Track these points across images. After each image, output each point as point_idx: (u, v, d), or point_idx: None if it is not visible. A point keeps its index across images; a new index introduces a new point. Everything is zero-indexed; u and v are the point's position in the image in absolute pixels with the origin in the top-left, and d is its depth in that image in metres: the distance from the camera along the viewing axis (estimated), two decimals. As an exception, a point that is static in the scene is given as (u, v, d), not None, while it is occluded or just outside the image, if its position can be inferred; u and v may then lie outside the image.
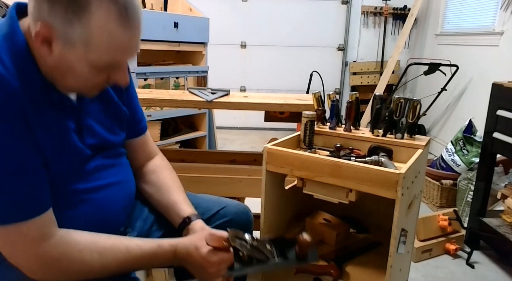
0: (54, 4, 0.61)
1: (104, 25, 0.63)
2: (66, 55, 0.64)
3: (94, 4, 0.61)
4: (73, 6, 0.61)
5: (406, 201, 0.86)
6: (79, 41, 0.63)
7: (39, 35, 0.62)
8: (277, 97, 1.50)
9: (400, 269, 0.97)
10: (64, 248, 0.69)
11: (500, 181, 1.97)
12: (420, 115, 1.02)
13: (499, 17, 2.69)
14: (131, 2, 0.65)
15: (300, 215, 1.17)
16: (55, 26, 0.62)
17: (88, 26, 0.62)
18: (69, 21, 0.61)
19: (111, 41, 0.64)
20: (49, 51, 0.64)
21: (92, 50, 0.64)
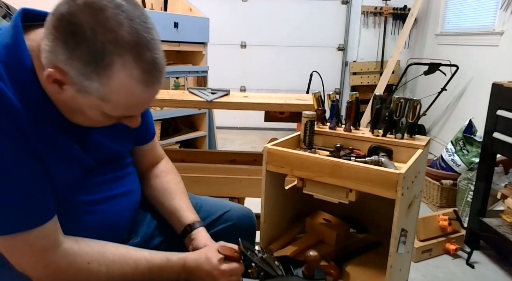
0: (72, 57, 0.56)
1: (125, 87, 0.59)
2: (78, 100, 0.61)
3: (117, 65, 0.57)
4: (94, 65, 0.56)
5: (406, 201, 0.86)
6: (95, 94, 0.59)
7: (51, 77, 0.59)
8: (277, 97, 1.50)
9: (400, 269, 0.97)
10: (71, 259, 0.68)
11: (500, 181, 1.97)
12: (420, 115, 1.01)
13: (499, 17, 2.70)
14: (156, 59, 0.60)
15: (300, 215, 1.17)
16: (70, 74, 0.58)
17: (107, 85, 0.58)
18: (87, 76, 0.58)
19: (129, 100, 0.62)
20: (59, 90, 0.61)
21: (108, 104, 0.61)
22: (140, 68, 0.58)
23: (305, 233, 1.12)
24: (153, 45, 0.60)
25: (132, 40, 0.57)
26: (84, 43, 0.55)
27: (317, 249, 1.02)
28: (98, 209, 0.77)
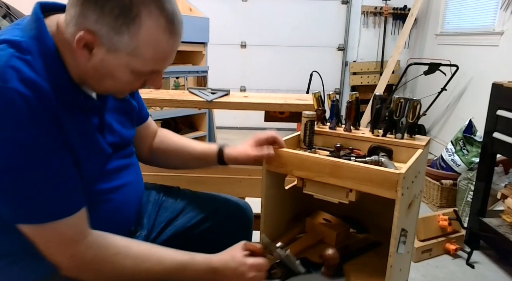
0: (103, 13, 0.60)
1: (152, 36, 0.63)
2: (108, 61, 0.64)
3: (144, 15, 0.61)
4: (123, 17, 0.60)
5: (406, 201, 0.86)
6: (124, 50, 0.63)
7: (82, 40, 0.62)
8: (277, 97, 1.50)
9: (400, 269, 0.97)
10: (98, 251, 0.70)
11: (500, 181, 1.97)
12: (420, 115, 1.01)
13: (499, 17, 2.69)
14: (176, 11, 0.65)
15: (300, 215, 1.17)
16: (101, 34, 0.61)
17: (137, 36, 0.62)
18: (117, 30, 0.61)
19: (157, 51, 0.65)
20: (88, 56, 0.64)
21: (137, 59, 0.64)
22: (164, 17, 0.63)
23: (305, 233, 1.12)
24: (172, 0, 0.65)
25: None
26: (112, 1, 0.60)
27: (317, 249, 1.03)
28: (111, 198, 0.78)
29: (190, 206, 1.01)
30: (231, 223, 1.02)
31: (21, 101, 0.58)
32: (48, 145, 0.62)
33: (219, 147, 0.99)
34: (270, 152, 0.91)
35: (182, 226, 0.98)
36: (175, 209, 1.00)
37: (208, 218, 1.00)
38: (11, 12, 2.52)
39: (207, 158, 0.99)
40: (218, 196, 1.07)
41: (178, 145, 1.02)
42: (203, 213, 1.00)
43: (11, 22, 2.49)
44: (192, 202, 1.02)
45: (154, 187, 1.03)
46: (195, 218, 1.00)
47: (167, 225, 0.98)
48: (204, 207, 1.02)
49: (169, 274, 0.75)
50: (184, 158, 1.01)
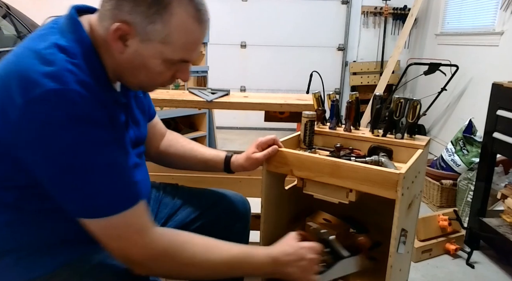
0: (137, 2, 0.64)
1: (183, 23, 0.66)
2: (141, 51, 0.67)
3: (175, 3, 0.65)
4: (156, 6, 0.64)
5: (406, 201, 0.86)
6: (157, 38, 0.66)
7: (118, 31, 0.65)
8: (277, 97, 1.50)
9: (400, 269, 0.97)
10: (170, 238, 0.72)
11: (500, 181, 1.96)
12: (420, 115, 1.01)
13: (499, 17, 2.69)
14: (203, 1, 0.69)
15: (300, 215, 1.17)
16: (135, 24, 0.65)
17: (169, 24, 0.65)
18: (151, 18, 0.64)
19: (187, 38, 0.68)
20: (123, 48, 0.67)
21: (169, 46, 0.67)
22: (193, 6, 0.67)
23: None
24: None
25: None
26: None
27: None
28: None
29: (189, 202, 1.04)
30: (229, 216, 1.04)
31: (82, 101, 0.61)
32: (110, 140, 0.65)
33: (226, 155, 1.01)
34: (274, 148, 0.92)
35: (181, 221, 1.01)
36: (174, 205, 1.03)
37: (207, 212, 1.03)
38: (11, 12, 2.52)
39: (215, 165, 1.01)
40: (216, 191, 1.09)
41: (187, 150, 1.03)
42: (201, 208, 1.03)
43: (11, 22, 2.49)
44: (191, 197, 1.05)
45: (153, 185, 1.05)
46: (194, 213, 1.02)
47: (167, 221, 1.01)
48: (202, 202, 1.04)
49: (237, 263, 0.77)
50: (192, 162, 1.03)
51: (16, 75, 0.61)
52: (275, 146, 0.93)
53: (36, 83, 0.59)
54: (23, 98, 0.59)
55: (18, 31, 2.49)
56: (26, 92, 0.59)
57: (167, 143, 1.04)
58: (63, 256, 0.72)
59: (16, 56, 0.64)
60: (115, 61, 0.69)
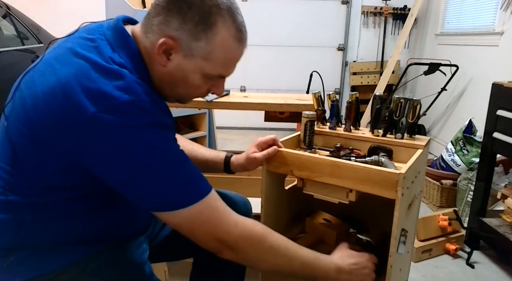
0: (185, 20, 0.67)
1: (226, 42, 0.70)
2: (183, 66, 0.71)
3: (219, 23, 0.69)
4: (202, 24, 0.68)
5: (406, 201, 0.86)
6: (200, 54, 0.70)
7: (163, 46, 0.68)
8: (277, 97, 1.50)
9: (400, 269, 0.97)
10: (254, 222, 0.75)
11: (500, 181, 1.96)
12: (420, 115, 1.01)
13: (499, 17, 2.69)
14: (244, 24, 0.74)
15: (300, 215, 1.17)
16: (181, 40, 0.68)
17: (212, 42, 0.69)
18: (196, 36, 0.68)
19: (228, 55, 0.73)
20: (166, 61, 0.70)
21: (210, 63, 0.71)
22: (235, 27, 0.71)
23: (305, 233, 1.13)
24: (240, 11, 0.73)
25: (228, 5, 0.70)
26: (195, 7, 0.67)
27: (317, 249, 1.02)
28: None
29: None
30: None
31: (153, 109, 0.65)
32: (173, 138, 0.70)
33: (226, 155, 1.02)
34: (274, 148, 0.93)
35: None
36: None
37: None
38: (11, 12, 2.52)
39: (215, 165, 1.02)
40: (217, 191, 1.08)
41: (187, 150, 1.03)
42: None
43: (11, 22, 2.49)
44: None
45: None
46: None
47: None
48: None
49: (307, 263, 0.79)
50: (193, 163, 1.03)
51: (83, 89, 0.62)
52: (275, 146, 0.93)
53: (110, 95, 0.62)
54: (95, 108, 0.61)
55: (18, 31, 2.49)
56: (100, 103, 0.61)
57: None
58: (70, 255, 0.72)
59: (75, 68, 0.65)
60: (156, 73, 0.72)
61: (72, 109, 0.62)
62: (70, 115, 0.62)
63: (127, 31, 0.71)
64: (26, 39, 2.52)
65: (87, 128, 0.62)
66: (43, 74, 0.66)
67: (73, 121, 0.62)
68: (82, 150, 0.64)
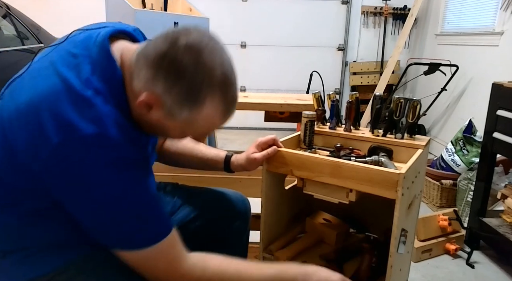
0: (171, 90, 0.63)
1: (210, 117, 0.67)
2: (163, 122, 0.68)
3: (208, 100, 0.65)
4: (189, 99, 0.64)
5: (406, 201, 0.86)
6: (182, 120, 0.66)
7: (145, 103, 0.64)
8: (277, 97, 1.50)
9: (400, 269, 0.97)
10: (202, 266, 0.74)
11: (500, 181, 1.96)
12: (420, 115, 1.02)
13: (499, 17, 2.69)
14: (235, 99, 0.70)
15: (300, 215, 1.17)
16: (164, 101, 0.64)
17: (196, 115, 0.66)
18: (181, 105, 0.64)
19: (210, 127, 0.71)
20: (146, 112, 0.66)
21: (191, 129, 0.70)
22: (224, 103, 0.67)
23: (305, 233, 1.13)
24: (235, 84, 0.69)
25: (221, 80, 0.65)
26: (184, 81, 0.63)
27: (317, 249, 1.03)
28: None
29: (189, 201, 1.04)
30: (229, 215, 1.05)
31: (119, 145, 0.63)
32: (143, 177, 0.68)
33: (226, 154, 1.01)
34: (274, 148, 0.93)
35: (181, 220, 1.01)
36: (174, 205, 1.03)
37: (207, 211, 1.03)
38: (11, 12, 2.52)
39: (215, 164, 1.02)
40: (215, 189, 1.10)
41: (188, 149, 1.04)
42: (201, 207, 1.04)
43: (11, 22, 2.49)
44: (191, 196, 1.05)
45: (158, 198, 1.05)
46: (194, 212, 1.03)
47: None
48: (202, 201, 1.05)
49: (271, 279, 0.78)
50: (192, 161, 1.03)
51: (51, 114, 0.61)
52: (274, 146, 0.93)
53: (74, 126, 0.60)
54: (59, 139, 0.59)
55: (18, 31, 2.49)
56: (63, 133, 0.60)
57: (168, 142, 1.05)
58: (68, 254, 0.72)
59: (48, 87, 0.63)
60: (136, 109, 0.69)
61: (39, 137, 0.61)
62: (36, 143, 0.61)
63: (112, 55, 0.67)
64: (26, 39, 2.52)
65: (49, 159, 0.60)
66: (22, 88, 0.66)
67: (39, 150, 0.61)
68: (45, 177, 0.63)
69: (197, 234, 0.99)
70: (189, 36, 0.64)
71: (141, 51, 0.66)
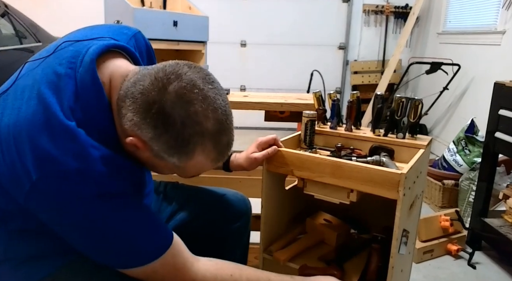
0: (159, 139, 0.61)
1: (200, 164, 0.65)
2: (152, 161, 0.66)
3: (198, 150, 0.62)
4: (179, 148, 0.61)
5: (407, 202, 0.85)
6: (171, 164, 0.64)
7: (132, 145, 0.62)
8: (277, 96, 1.49)
9: (401, 270, 0.96)
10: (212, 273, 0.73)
11: (502, 181, 1.96)
12: (422, 115, 1.01)
13: (501, 16, 2.68)
14: (229, 144, 0.67)
15: (300, 215, 1.16)
16: (152, 147, 0.62)
17: (185, 163, 0.64)
18: (169, 153, 0.62)
19: (199, 171, 0.70)
20: (135, 150, 0.64)
21: (180, 171, 0.69)
22: (216, 151, 0.65)
23: (305, 234, 1.12)
24: (230, 130, 0.66)
25: (214, 130, 0.62)
26: (173, 132, 0.60)
27: (318, 249, 1.02)
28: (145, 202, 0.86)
29: (190, 201, 1.04)
30: (229, 215, 1.04)
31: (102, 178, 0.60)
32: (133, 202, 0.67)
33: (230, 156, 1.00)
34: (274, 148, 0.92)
35: (182, 220, 1.00)
36: (175, 205, 1.03)
37: (207, 211, 1.03)
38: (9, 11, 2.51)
39: None
40: (216, 189, 1.09)
41: None
42: (202, 207, 1.03)
43: (9, 21, 2.48)
44: (191, 196, 1.05)
45: (154, 184, 1.04)
46: (195, 212, 1.02)
47: (169, 220, 1.00)
48: (203, 200, 1.04)
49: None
50: None
51: (31, 146, 0.58)
52: (274, 146, 0.92)
53: (56, 161, 0.57)
54: (38, 174, 0.57)
55: (16, 30, 2.48)
56: (45, 168, 0.57)
57: None
58: (62, 258, 0.71)
59: (29, 115, 0.60)
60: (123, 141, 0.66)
61: (20, 168, 0.58)
62: (18, 173, 0.59)
63: (99, 80, 0.63)
64: (24, 38, 2.51)
65: (31, 193, 0.59)
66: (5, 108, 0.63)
67: (21, 181, 0.59)
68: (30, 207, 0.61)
69: (197, 234, 0.98)
70: (180, 82, 0.59)
71: (129, 89, 0.62)
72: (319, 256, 1.01)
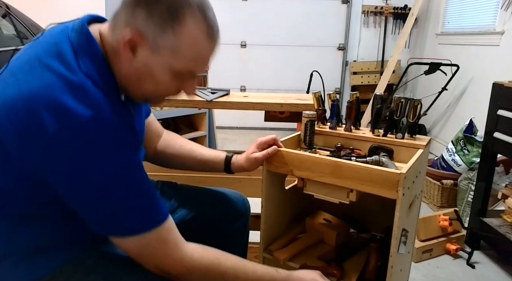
0: (152, 14, 0.64)
1: (194, 36, 0.67)
2: (150, 61, 0.67)
3: (188, 17, 0.65)
4: (170, 18, 0.64)
5: (406, 201, 0.85)
6: (167, 49, 0.66)
7: (129, 41, 0.65)
8: (277, 97, 1.50)
9: (400, 269, 0.97)
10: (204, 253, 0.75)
11: (501, 181, 1.96)
12: (421, 115, 1.01)
13: (500, 16, 2.69)
14: (215, 21, 0.70)
15: (300, 215, 1.16)
16: (147, 33, 0.65)
17: (180, 36, 0.66)
18: (163, 29, 0.65)
19: (197, 51, 0.69)
20: (132, 56, 0.67)
21: (178, 58, 0.68)
22: (206, 22, 0.68)
23: (305, 233, 1.12)
24: (211, 9, 0.70)
25: (198, 2, 0.67)
26: (163, 5, 0.64)
27: (317, 249, 1.02)
28: None
29: (188, 201, 1.04)
30: (228, 215, 1.05)
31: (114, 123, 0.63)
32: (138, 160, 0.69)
33: (226, 155, 1.01)
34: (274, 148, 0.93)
35: (180, 220, 1.00)
36: (173, 204, 1.03)
37: (206, 211, 1.03)
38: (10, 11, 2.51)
39: (214, 165, 1.01)
40: (215, 189, 1.09)
41: (186, 150, 1.03)
42: (200, 207, 1.03)
43: (11, 22, 2.48)
44: (189, 196, 1.05)
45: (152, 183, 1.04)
46: (193, 212, 1.02)
47: None
48: (201, 200, 1.04)
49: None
50: (190, 163, 1.03)
51: (45, 104, 0.60)
52: (274, 146, 0.93)
53: (72, 112, 0.60)
54: (55, 127, 0.59)
55: (17, 30, 2.49)
56: (60, 120, 0.59)
57: (164, 143, 1.03)
58: (64, 254, 0.72)
59: (38, 80, 0.62)
60: (122, 71, 0.69)
61: (33, 129, 0.60)
62: (31, 134, 0.60)
63: (91, 34, 0.68)
64: (26, 38, 2.51)
65: (46, 148, 0.60)
66: (6, 84, 0.65)
67: (33, 141, 0.61)
68: (42, 167, 0.63)
69: (196, 234, 0.98)
70: None
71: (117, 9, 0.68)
72: (319, 256, 1.02)
